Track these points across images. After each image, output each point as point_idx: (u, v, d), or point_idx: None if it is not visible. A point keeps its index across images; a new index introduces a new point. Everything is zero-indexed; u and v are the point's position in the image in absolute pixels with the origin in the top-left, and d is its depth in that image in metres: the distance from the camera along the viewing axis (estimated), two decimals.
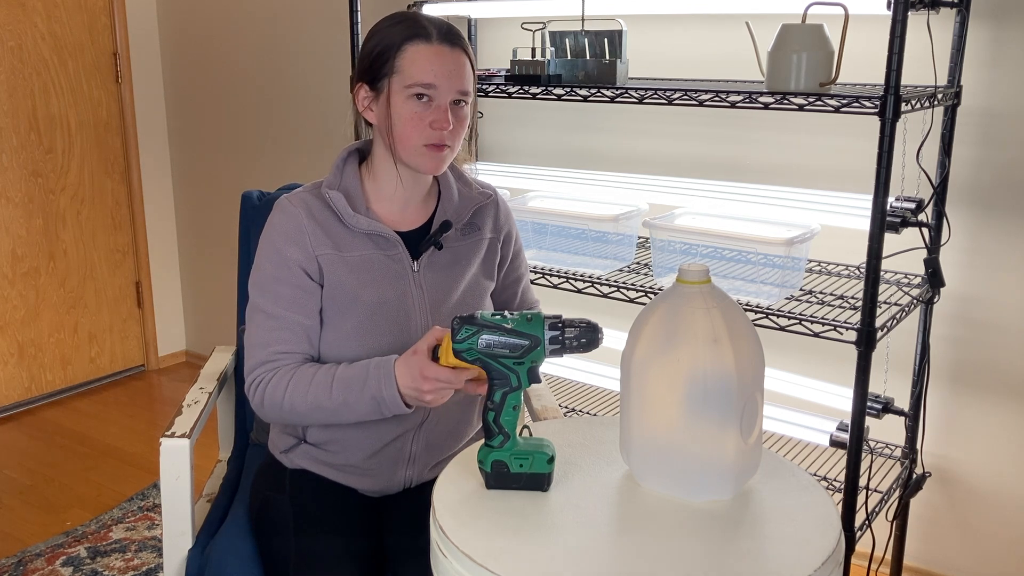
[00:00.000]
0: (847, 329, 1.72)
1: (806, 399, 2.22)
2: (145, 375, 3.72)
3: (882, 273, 1.94)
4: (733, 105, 1.76)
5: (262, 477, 1.53)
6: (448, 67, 1.35)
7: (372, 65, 1.37)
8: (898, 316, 1.80)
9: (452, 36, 1.37)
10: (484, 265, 1.51)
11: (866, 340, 1.68)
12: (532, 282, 1.76)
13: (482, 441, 1.15)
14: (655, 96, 1.84)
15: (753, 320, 1.80)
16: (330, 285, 1.39)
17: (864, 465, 1.98)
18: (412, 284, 1.42)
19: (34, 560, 2.38)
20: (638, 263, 2.17)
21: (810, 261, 2.12)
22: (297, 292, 1.38)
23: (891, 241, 1.99)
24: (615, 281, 2.01)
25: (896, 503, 2.07)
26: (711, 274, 1.55)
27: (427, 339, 1.24)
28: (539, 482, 1.13)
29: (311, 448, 1.48)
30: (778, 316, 1.78)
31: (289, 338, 1.38)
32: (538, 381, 1.15)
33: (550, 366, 2.46)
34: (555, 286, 2.08)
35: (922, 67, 1.94)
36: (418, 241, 1.45)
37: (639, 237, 2.24)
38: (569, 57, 2.04)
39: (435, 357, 1.23)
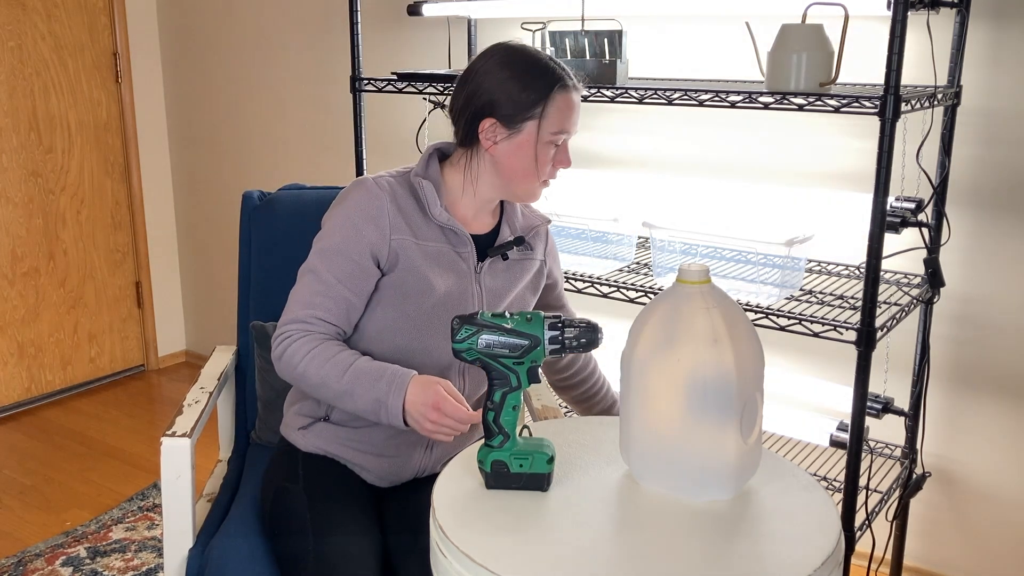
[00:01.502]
0: (847, 329, 1.72)
1: (806, 399, 2.22)
2: (145, 375, 3.72)
3: (882, 273, 1.95)
4: (733, 105, 1.76)
5: (275, 466, 1.53)
6: (578, 113, 1.46)
7: (517, 107, 1.41)
8: (898, 316, 1.81)
9: (579, 81, 1.47)
10: (532, 283, 1.58)
11: (866, 340, 1.68)
12: None
13: (482, 441, 1.15)
14: (655, 96, 1.84)
15: (753, 320, 1.80)
16: (403, 269, 1.43)
17: (864, 465, 1.98)
18: (474, 282, 1.48)
19: (34, 560, 2.38)
20: (638, 263, 2.17)
21: (810, 261, 2.12)
22: (356, 269, 1.41)
23: (891, 241, 2.00)
24: (615, 281, 2.01)
25: (896, 503, 2.08)
26: (711, 274, 1.54)
27: (451, 388, 1.31)
28: (539, 482, 1.13)
29: (331, 427, 1.49)
30: (778, 316, 1.78)
31: (331, 307, 1.41)
32: (538, 381, 1.15)
33: None
34: None
35: (922, 67, 1.94)
36: (479, 246, 1.50)
37: (639, 237, 2.24)
38: (569, 57, 2.05)
39: None
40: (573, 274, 2.07)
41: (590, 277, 2.04)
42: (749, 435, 1.08)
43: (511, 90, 1.40)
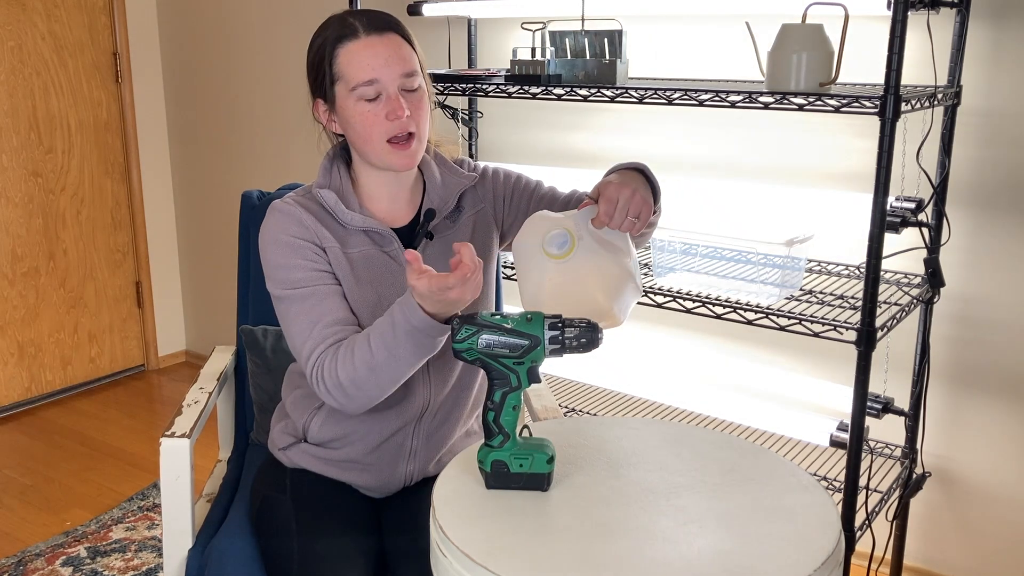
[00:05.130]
0: (847, 329, 1.72)
1: (806, 399, 2.22)
2: (145, 375, 3.72)
3: (882, 273, 1.95)
4: (733, 105, 1.76)
5: (262, 477, 1.53)
6: (383, 56, 1.33)
7: (316, 78, 1.38)
8: (898, 316, 1.80)
9: (379, 23, 1.35)
10: (477, 242, 1.49)
11: (866, 340, 1.68)
12: None
13: (482, 440, 1.15)
14: (655, 96, 1.84)
15: (753, 320, 1.80)
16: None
17: (864, 465, 1.98)
18: None
19: (34, 560, 2.38)
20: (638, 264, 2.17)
21: (810, 261, 2.12)
22: (314, 272, 1.36)
23: (891, 241, 1.99)
24: None
25: (896, 503, 2.08)
26: (711, 274, 1.55)
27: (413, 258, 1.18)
28: (539, 482, 1.13)
29: (311, 447, 1.47)
30: (778, 316, 1.78)
31: (330, 306, 1.34)
32: (538, 381, 1.15)
33: (550, 366, 2.46)
34: None
35: (922, 67, 1.94)
36: (410, 235, 1.45)
37: None
38: (569, 57, 2.04)
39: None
40: None
41: None
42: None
43: (309, 62, 1.38)
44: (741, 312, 1.82)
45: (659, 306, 1.90)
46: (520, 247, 1.31)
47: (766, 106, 1.72)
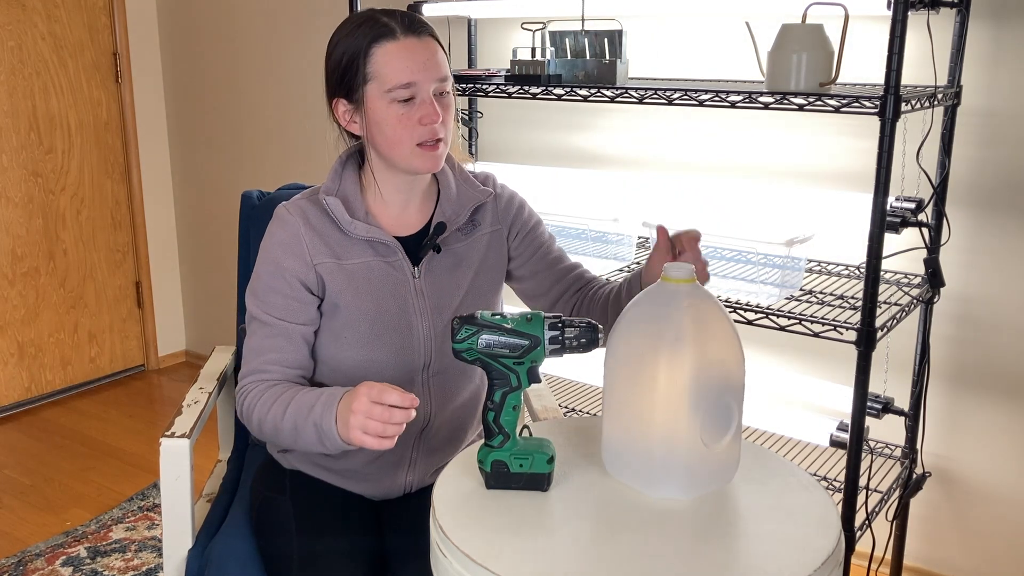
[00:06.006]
0: (847, 329, 1.72)
1: (806, 399, 2.22)
2: (145, 375, 3.72)
3: (882, 273, 1.95)
4: (733, 105, 1.76)
5: (262, 477, 1.53)
6: (422, 59, 1.30)
7: (343, 78, 1.34)
8: (898, 316, 1.80)
9: (416, 26, 1.32)
10: (489, 262, 1.47)
11: (866, 340, 1.68)
12: None
13: (482, 441, 1.15)
14: (655, 96, 1.84)
15: (753, 320, 1.80)
16: (330, 294, 1.38)
17: (864, 465, 1.98)
18: (412, 292, 1.40)
19: (34, 560, 2.38)
20: (638, 263, 2.17)
21: (810, 261, 2.12)
22: (291, 302, 1.36)
23: (891, 241, 1.99)
24: (615, 281, 2.00)
25: (896, 503, 2.07)
26: (711, 274, 1.53)
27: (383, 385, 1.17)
28: (539, 482, 1.13)
29: (310, 453, 1.47)
30: (778, 316, 1.78)
31: (284, 345, 1.36)
32: (538, 381, 1.15)
33: (550, 366, 2.46)
34: None
35: (922, 67, 1.94)
36: (418, 245, 1.42)
37: (639, 237, 2.24)
38: (569, 57, 2.04)
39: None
40: None
41: None
42: (715, 441, 1.07)
43: (335, 61, 1.34)
44: (741, 312, 1.82)
45: None
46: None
47: (766, 106, 1.72)
